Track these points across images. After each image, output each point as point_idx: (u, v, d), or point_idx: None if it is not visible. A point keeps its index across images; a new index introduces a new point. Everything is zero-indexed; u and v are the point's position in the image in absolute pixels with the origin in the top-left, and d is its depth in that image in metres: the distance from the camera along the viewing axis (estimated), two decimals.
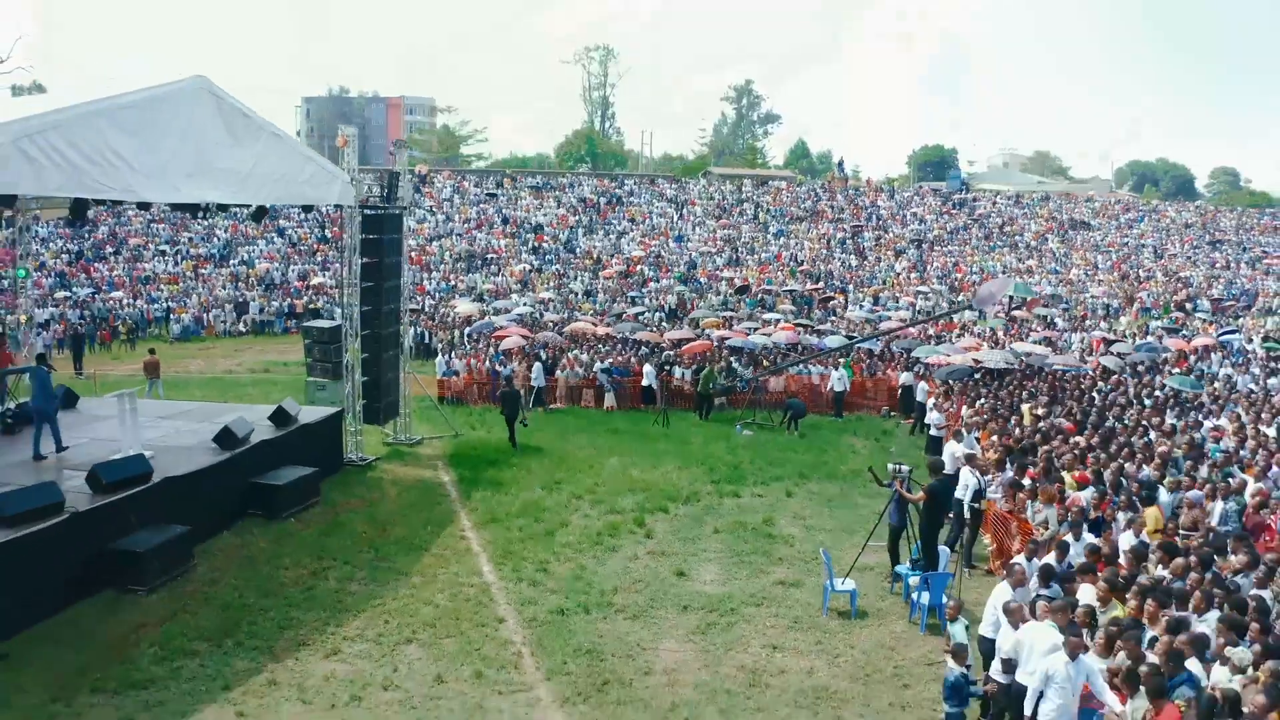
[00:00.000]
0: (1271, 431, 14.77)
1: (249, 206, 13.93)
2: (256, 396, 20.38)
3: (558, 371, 21.94)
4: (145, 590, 10.45)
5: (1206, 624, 7.12)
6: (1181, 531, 9.98)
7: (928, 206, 59.74)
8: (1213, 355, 25.53)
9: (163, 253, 41.84)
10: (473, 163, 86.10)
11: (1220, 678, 6.38)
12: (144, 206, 13.77)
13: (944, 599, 9.46)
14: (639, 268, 44.31)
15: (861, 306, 38.98)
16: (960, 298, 43.24)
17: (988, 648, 7.74)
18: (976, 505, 11.59)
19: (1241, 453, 13.30)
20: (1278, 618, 7.47)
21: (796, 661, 9.12)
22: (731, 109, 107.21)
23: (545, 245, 47.77)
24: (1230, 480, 11.28)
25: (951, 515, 11.64)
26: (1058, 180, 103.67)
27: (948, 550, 10.42)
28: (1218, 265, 60.26)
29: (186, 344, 33.05)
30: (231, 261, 42.04)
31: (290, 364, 27.18)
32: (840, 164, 66.53)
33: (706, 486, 15.12)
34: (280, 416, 14.37)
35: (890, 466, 10.63)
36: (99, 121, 10.10)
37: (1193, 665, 6.36)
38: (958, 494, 11.60)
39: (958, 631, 7.80)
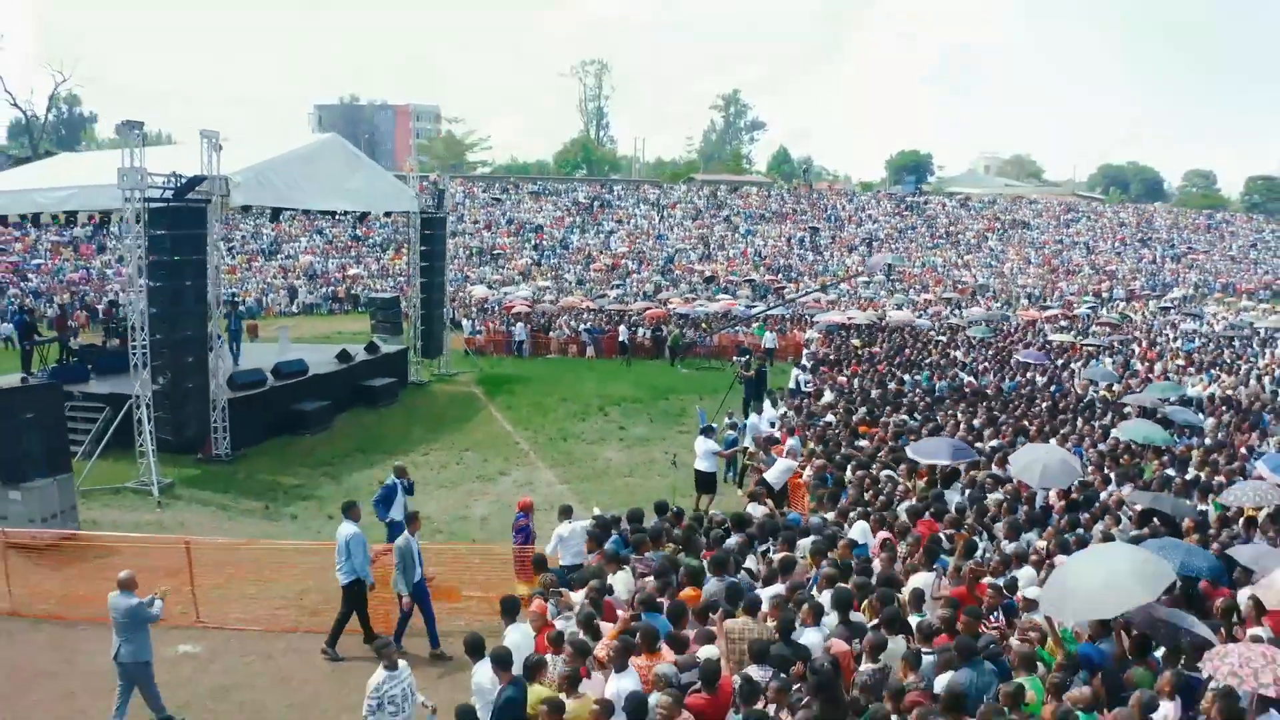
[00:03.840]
0: (1023, 358, 22.38)
1: (356, 212, 21.74)
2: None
3: (551, 332, 29.76)
4: (310, 434, 18.15)
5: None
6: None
7: (882, 209, 67.48)
8: (1048, 323, 33.31)
9: (218, 247, 49.49)
10: (477, 168, 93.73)
11: None
12: (306, 212, 21.43)
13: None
14: (623, 262, 52.08)
15: (810, 293, 46.64)
16: (899, 287, 51.20)
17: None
18: (806, 390, 19.29)
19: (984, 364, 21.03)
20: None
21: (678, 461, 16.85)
22: (720, 116, 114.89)
23: (544, 243, 55.56)
24: (948, 371, 19.00)
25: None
26: (1030, 183, 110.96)
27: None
28: (1144, 260, 67.72)
29: (251, 322, 40.69)
30: (278, 256, 49.81)
31: (344, 334, 34.80)
32: (805, 170, 74.22)
33: (649, 395, 22.86)
34: (371, 347, 22.21)
35: (736, 360, 18.41)
36: (286, 164, 17.81)
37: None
38: (790, 385, 19.34)
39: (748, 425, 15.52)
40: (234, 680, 8.92)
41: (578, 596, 7.49)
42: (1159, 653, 6.70)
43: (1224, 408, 16.29)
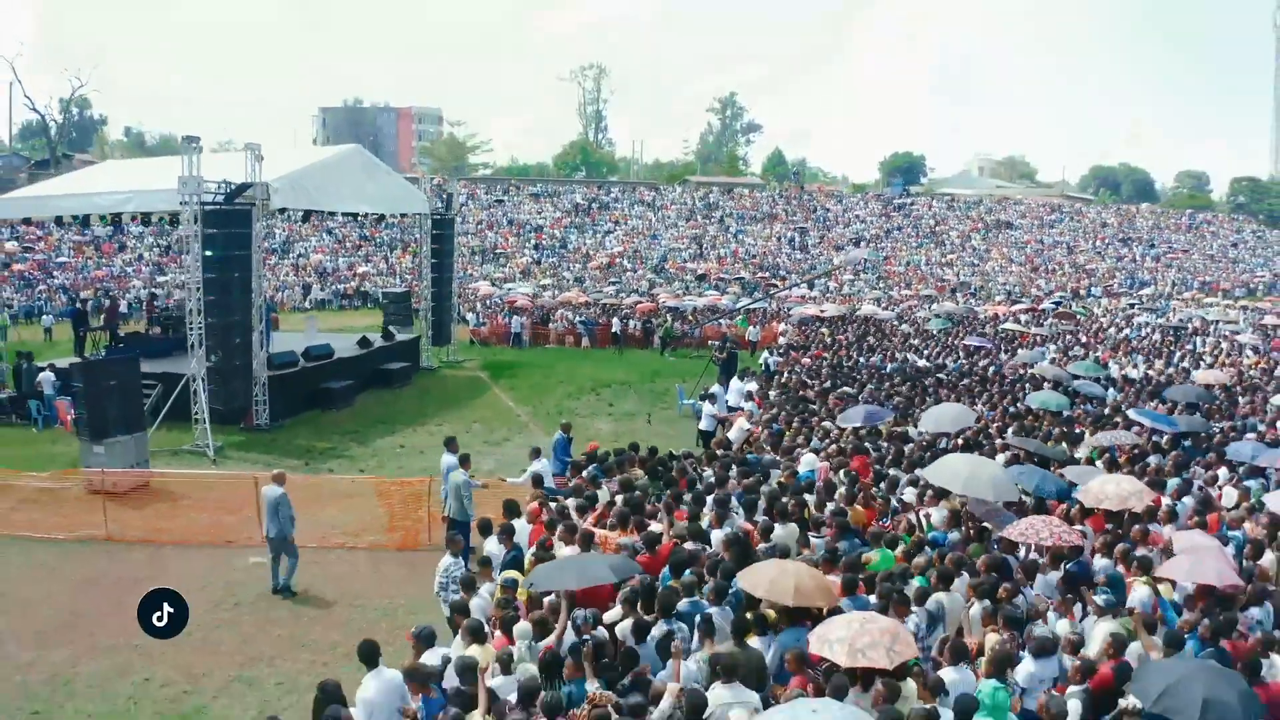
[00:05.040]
0: (969, 342, 24.83)
1: (374, 214, 24.24)
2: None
3: (550, 323, 32.27)
4: (337, 409, 20.61)
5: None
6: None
7: (870, 210, 69.95)
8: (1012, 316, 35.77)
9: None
10: (479, 170, 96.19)
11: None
12: (330, 214, 23.95)
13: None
14: (619, 260, 54.59)
15: (794, 289, 49.16)
16: (882, 284, 53.77)
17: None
18: (773, 368, 21.71)
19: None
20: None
21: (657, 428, 19.29)
22: (717, 119, 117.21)
23: (544, 243, 58.06)
24: (898, 355, 21.45)
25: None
26: (1022, 184, 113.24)
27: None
28: (1124, 259, 70.01)
29: (273, 314, 43.19)
30: (291, 255, 52.30)
31: (356, 327, 37.19)
32: (795, 173, 76.71)
33: (637, 378, 25.36)
34: (388, 335, 24.70)
35: (711, 343, 20.89)
36: (315, 171, 20.29)
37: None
38: (761, 367, 21.81)
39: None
40: (297, 579, 11.38)
41: (570, 503, 9.98)
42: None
43: (1129, 384, 18.71)
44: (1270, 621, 7.87)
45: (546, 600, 7.06)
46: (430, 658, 6.53)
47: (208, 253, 17.20)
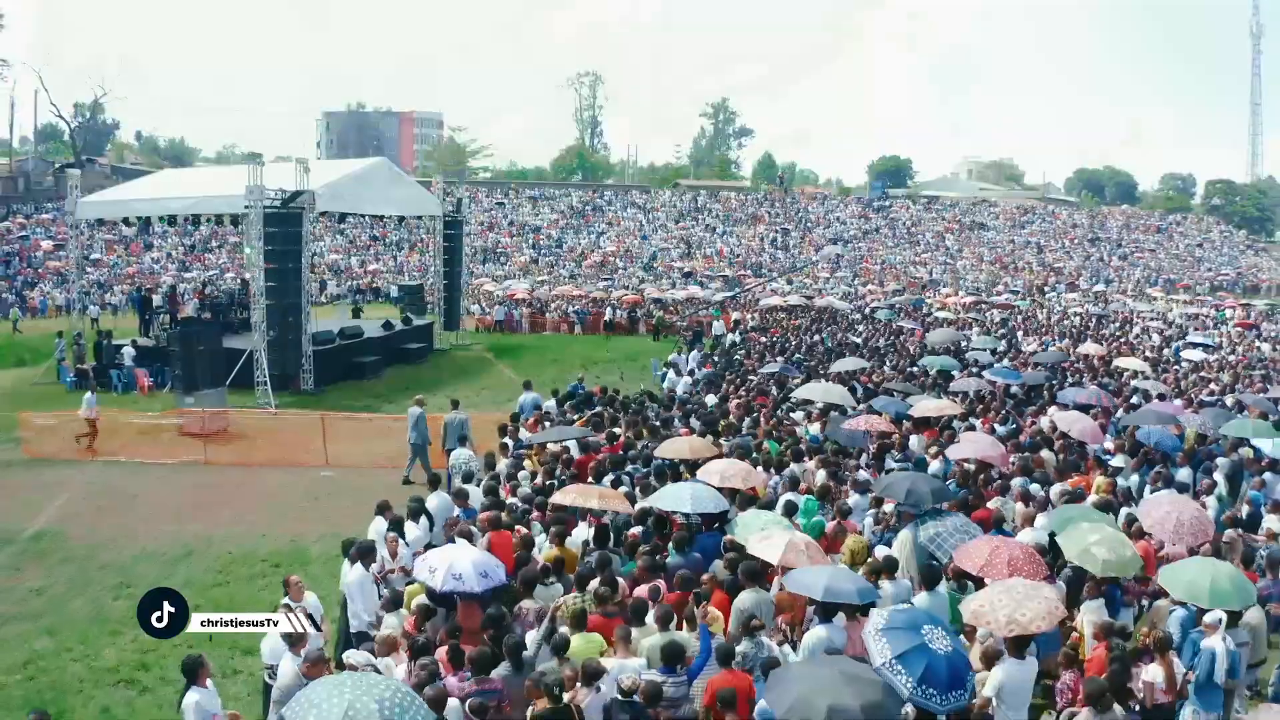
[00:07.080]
0: (903, 324, 28.91)
1: (395, 216, 28.34)
2: None
3: (546, 312, 36.42)
4: (368, 379, 24.68)
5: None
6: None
7: (850, 211, 74.06)
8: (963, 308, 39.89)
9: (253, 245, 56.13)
10: (479, 174, 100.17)
11: None
12: (361, 216, 28.06)
13: None
14: (612, 259, 58.70)
15: (770, 281, 53.25)
16: (857, 283, 58.01)
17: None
18: (736, 348, 25.84)
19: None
20: None
21: (631, 387, 23.36)
22: (709, 123, 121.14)
23: (541, 243, 62.18)
24: (843, 332, 25.57)
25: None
26: (1007, 186, 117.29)
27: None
28: (1091, 258, 73.98)
29: None
30: (306, 253, 56.30)
31: (372, 318, 41.40)
32: (779, 178, 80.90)
33: (622, 358, 29.46)
34: (406, 320, 28.83)
35: (680, 326, 24.99)
36: (350, 180, 24.38)
37: None
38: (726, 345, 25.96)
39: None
40: (357, 485, 15.42)
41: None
42: None
43: (1020, 354, 22.85)
44: (1027, 484, 11.90)
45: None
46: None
47: (268, 247, 21.27)
